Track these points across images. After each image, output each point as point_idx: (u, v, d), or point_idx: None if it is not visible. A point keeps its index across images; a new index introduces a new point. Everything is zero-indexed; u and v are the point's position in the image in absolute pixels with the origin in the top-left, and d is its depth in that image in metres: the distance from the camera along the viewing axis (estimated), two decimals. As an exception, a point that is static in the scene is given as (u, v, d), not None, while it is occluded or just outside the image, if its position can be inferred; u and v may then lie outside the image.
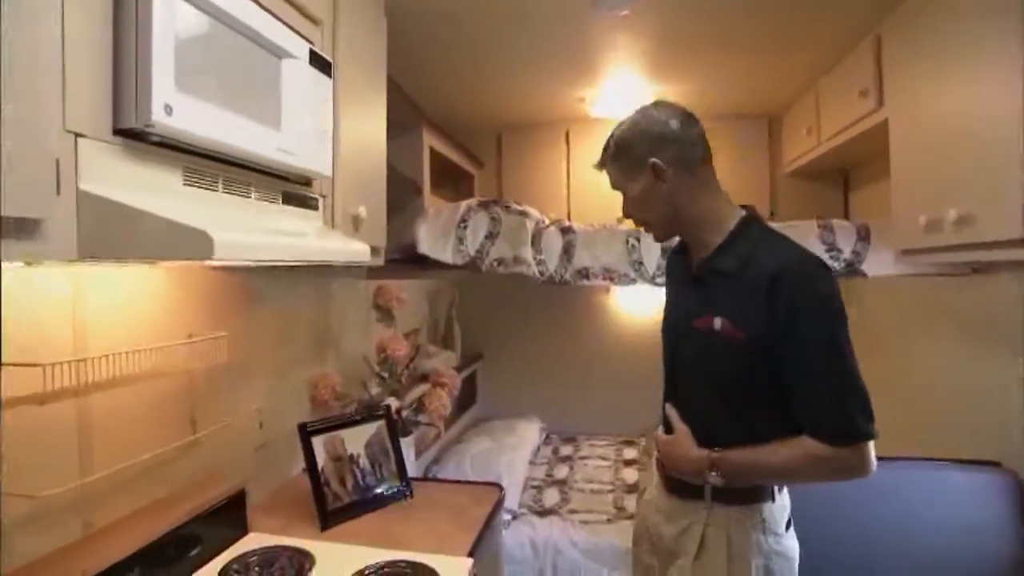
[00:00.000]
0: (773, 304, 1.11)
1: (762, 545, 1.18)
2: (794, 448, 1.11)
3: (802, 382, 1.11)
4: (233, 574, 1.23)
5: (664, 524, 1.30)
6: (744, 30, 2.13)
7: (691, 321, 1.25)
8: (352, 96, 1.45)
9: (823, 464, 1.09)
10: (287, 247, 0.98)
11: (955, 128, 1.54)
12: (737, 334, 1.16)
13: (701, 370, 1.26)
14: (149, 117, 0.78)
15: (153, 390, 1.28)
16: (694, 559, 1.21)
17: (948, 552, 1.77)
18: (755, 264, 1.17)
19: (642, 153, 1.23)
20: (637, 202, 1.28)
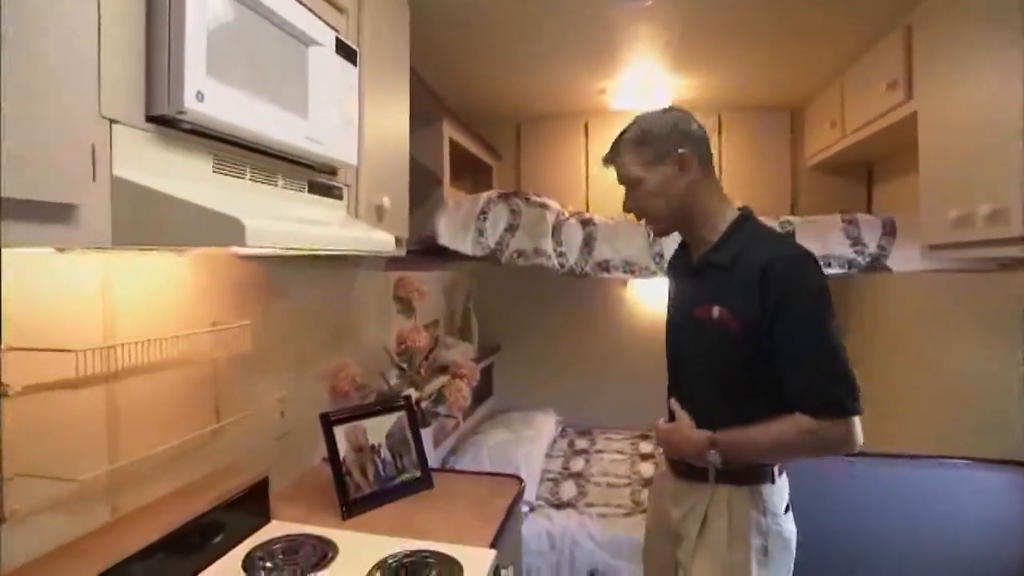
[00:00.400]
0: (763, 293, 1.19)
1: (761, 525, 1.24)
2: (785, 424, 1.17)
3: (789, 362, 1.18)
4: (257, 561, 1.23)
5: (672, 507, 1.36)
6: (768, 20, 2.10)
7: (692, 312, 1.32)
8: (376, 85, 1.45)
9: (810, 437, 1.15)
10: (315, 235, 0.98)
11: (989, 120, 1.50)
12: (733, 323, 1.23)
13: (702, 359, 1.33)
14: (181, 104, 0.78)
15: (178, 378, 1.29)
16: (697, 538, 1.28)
17: (968, 551, 1.75)
18: (747, 257, 1.25)
19: (671, 143, 1.29)
20: (650, 193, 1.31)
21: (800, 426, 1.15)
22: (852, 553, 1.83)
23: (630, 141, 1.32)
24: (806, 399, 1.16)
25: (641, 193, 1.32)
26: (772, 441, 1.19)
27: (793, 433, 1.16)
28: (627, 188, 1.36)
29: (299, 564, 1.23)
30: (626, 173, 1.34)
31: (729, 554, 1.24)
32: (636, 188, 1.33)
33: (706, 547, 1.27)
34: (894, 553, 1.80)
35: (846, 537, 1.83)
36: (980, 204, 1.48)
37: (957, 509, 1.79)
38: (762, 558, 1.24)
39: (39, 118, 0.63)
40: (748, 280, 1.21)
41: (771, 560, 1.25)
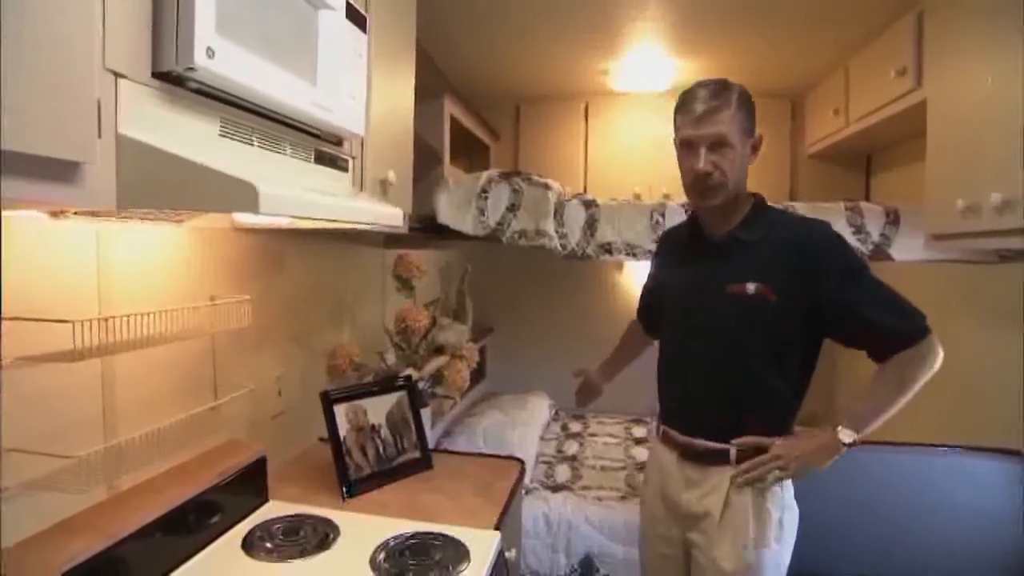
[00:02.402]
0: (810, 266, 1.25)
1: (779, 498, 1.30)
2: (896, 369, 1.25)
3: (873, 313, 1.23)
4: (257, 541, 1.20)
5: (684, 491, 1.36)
6: (774, 4, 2.06)
7: (719, 288, 1.32)
8: (384, 54, 1.40)
9: (919, 364, 1.23)
10: (328, 206, 0.94)
11: (999, 109, 1.49)
12: (771, 296, 1.27)
13: (731, 331, 1.32)
14: (191, 59, 0.74)
15: (176, 354, 1.25)
16: (719, 520, 1.30)
17: (965, 538, 1.77)
18: (778, 235, 1.31)
19: (755, 122, 1.33)
20: (733, 160, 1.28)
21: (907, 360, 1.23)
22: (847, 540, 1.84)
23: (732, 98, 1.27)
24: (904, 335, 1.23)
25: (728, 158, 1.27)
26: (897, 387, 1.24)
27: (907, 369, 1.23)
28: (710, 146, 1.26)
29: (300, 544, 1.20)
30: (724, 132, 1.25)
31: (753, 528, 1.27)
32: (723, 151, 1.26)
33: (729, 525, 1.29)
34: (889, 539, 1.82)
35: (841, 524, 1.84)
36: (989, 194, 1.47)
37: (951, 497, 1.80)
38: (779, 531, 1.29)
39: (38, 66, 0.58)
40: (783, 253, 1.28)
41: (784, 532, 1.30)
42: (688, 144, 1.30)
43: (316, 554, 1.17)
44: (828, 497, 1.83)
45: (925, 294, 2.34)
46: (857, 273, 1.26)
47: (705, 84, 1.31)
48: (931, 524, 1.80)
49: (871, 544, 1.82)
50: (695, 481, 1.35)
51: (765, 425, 1.31)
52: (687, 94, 1.32)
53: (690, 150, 1.30)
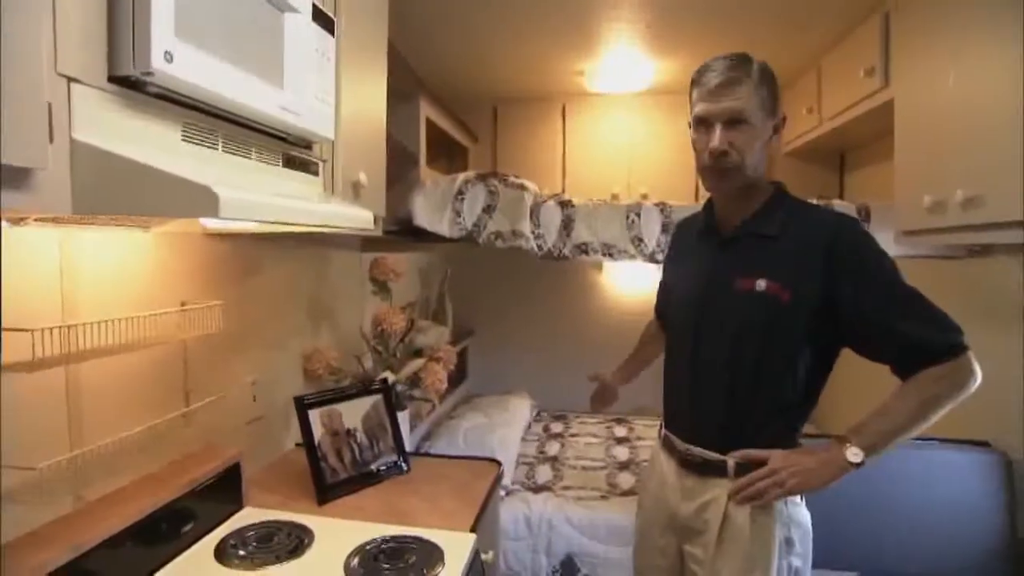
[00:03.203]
0: (831, 264, 1.14)
1: (783, 514, 1.19)
2: (918, 385, 1.12)
3: (898, 321, 1.12)
4: (230, 549, 1.19)
5: (681, 502, 1.29)
6: (747, 4, 2.09)
7: (728, 283, 1.24)
8: (354, 56, 1.39)
9: (947, 384, 1.10)
10: (292, 209, 0.93)
11: (964, 107, 1.52)
12: (783, 295, 1.17)
13: (738, 330, 1.22)
14: (148, 64, 0.73)
15: (145, 360, 1.23)
16: (718, 535, 1.21)
17: (938, 528, 1.79)
18: (797, 228, 1.20)
19: (778, 101, 1.24)
20: (751, 140, 1.18)
21: (934, 377, 1.10)
22: (828, 532, 1.85)
23: (756, 76, 1.18)
24: (931, 347, 1.11)
25: (745, 136, 1.17)
26: (918, 406, 1.11)
27: (932, 387, 1.10)
28: (727, 123, 1.17)
29: (274, 551, 1.19)
30: (743, 107, 1.16)
31: (752, 546, 1.18)
32: (740, 128, 1.17)
33: (728, 543, 1.20)
34: (869, 530, 1.84)
35: (825, 515, 1.85)
36: (955, 190, 1.50)
37: (931, 488, 1.82)
38: (785, 548, 1.19)
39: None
40: (804, 250, 1.16)
41: (793, 550, 1.20)
42: (702, 121, 1.20)
43: (289, 560, 1.16)
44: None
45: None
46: (885, 276, 1.14)
47: (724, 56, 1.20)
48: (906, 514, 1.82)
49: (852, 536, 1.84)
50: (693, 492, 1.27)
51: (770, 436, 1.21)
52: (703, 67, 1.22)
53: (705, 127, 1.20)
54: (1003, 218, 1.36)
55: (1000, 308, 1.84)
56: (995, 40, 1.38)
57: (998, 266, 1.85)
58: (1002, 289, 1.84)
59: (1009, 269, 1.81)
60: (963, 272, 2.00)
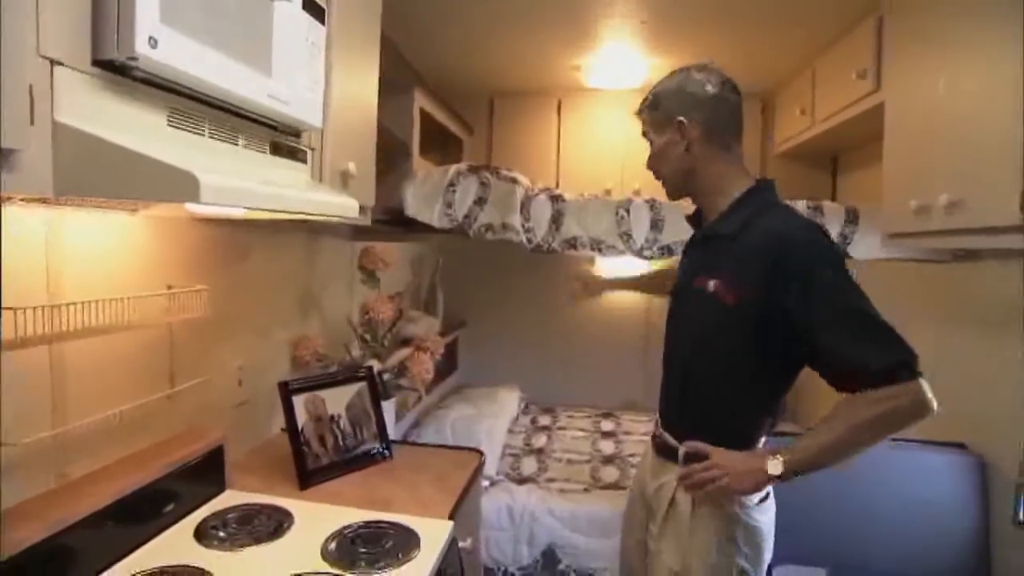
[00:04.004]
0: (776, 268, 1.11)
1: (727, 512, 1.21)
2: (852, 407, 1.07)
3: (836, 336, 1.07)
4: (210, 530, 1.21)
5: (649, 480, 1.37)
6: (743, 3, 2.10)
7: (692, 280, 1.29)
8: (345, 46, 1.40)
9: (885, 409, 1.04)
10: (277, 196, 0.95)
11: (952, 113, 1.53)
12: (728, 297, 1.18)
13: (694, 333, 1.29)
14: (132, 49, 0.74)
15: (130, 342, 1.24)
16: (664, 516, 1.28)
17: (915, 527, 1.82)
18: (754, 230, 1.19)
19: (673, 109, 1.27)
20: (658, 155, 1.32)
21: (868, 401, 1.05)
22: (806, 531, 1.88)
23: (647, 101, 1.33)
24: (868, 369, 1.04)
25: (651, 156, 1.34)
26: (846, 429, 1.07)
27: (864, 412, 1.05)
28: (649, 147, 1.36)
29: (253, 533, 1.20)
30: (644, 131, 1.36)
31: (690, 537, 1.22)
32: (650, 148, 1.35)
33: (670, 526, 1.26)
34: (847, 530, 1.86)
35: (805, 515, 1.88)
36: (939, 194, 1.51)
37: (908, 488, 1.85)
38: (725, 545, 1.20)
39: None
40: (753, 254, 1.15)
41: (736, 550, 1.20)
42: None
43: (268, 542, 1.18)
44: (788, 490, 1.87)
45: (883, 292, 2.41)
46: (830, 292, 1.09)
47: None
48: (885, 514, 1.85)
49: (830, 535, 1.86)
50: (656, 473, 1.34)
51: (718, 433, 1.23)
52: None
53: None
54: (984, 223, 1.38)
55: (982, 312, 1.87)
56: (984, 49, 1.40)
57: (982, 271, 1.87)
58: (985, 294, 1.86)
59: (992, 274, 1.83)
60: (948, 276, 2.02)
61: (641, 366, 3.37)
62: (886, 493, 1.85)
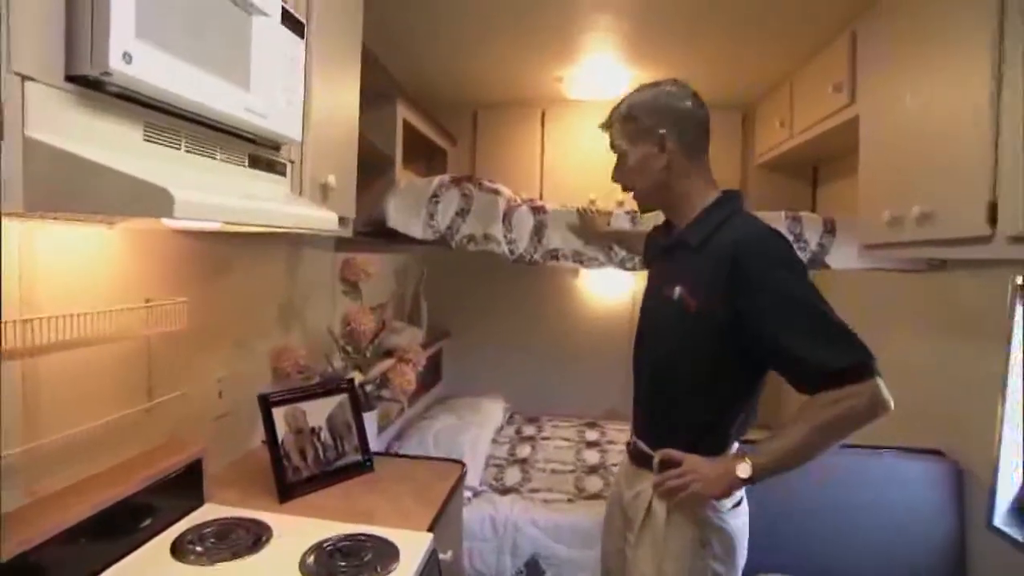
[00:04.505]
0: (734, 276, 1.14)
1: (699, 517, 1.23)
2: (811, 410, 1.09)
3: (792, 339, 1.10)
4: (187, 545, 1.19)
5: (625, 489, 1.38)
6: (721, 18, 2.13)
7: (660, 290, 1.32)
8: (325, 60, 1.41)
9: (843, 409, 1.06)
10: (252, 210, 0.95)
11: (923, 126, 1.56)
12: (690, 304, 1.22)
13: (659, 335, 1.33)
14: (106, 64, 0.74)
15: (107, 355, 1.23)
16: (641, 523, 1.29)
17: (894, 534, 1.84)
18: (715, 238, 1.22)
19: (654, 123, 1.29)
20: (633, 168, 1.33)
21: (828, 401, 1.07)
22: (790, 539, 1.89)
23: (619, 113, 1.34)
24: (827, 369, 1.07)
25: (625, 167, 1.34)
26: (809, 430, 1.09)
27: (825, 412, 1.07)
28: (617, 159, 1.37)
29: (231, 548, 1.19)
30: (613, 144, 1.36)
31: (665, 542, 1.24)
32: (622, 161, 1.35)
33: (647, 533, 1.28)
34: (827, 537, 1.88)
35: (784, 524, 1.89)
36: (912, 206, 1.54)
37: (884, 494, 1.87)
38: (699, 550, 1.22)
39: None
40: (713, 261, 1.19)
41: (710, 553, 1.23)
42: None
43: (246, 557, 1.17)
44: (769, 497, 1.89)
45: (860, 301, 2.45)
46: (785, 295, 1.12)
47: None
48: (863, 521, 1.87)
49: (809, 543, 1.88)
50: (632, 481, 1.36)
51: (690, 440, 1.25)
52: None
53: None
54: (953, 234, 1.41)
55: (956, 321, 1.90)
56: (952, 66, 1.43)
57: (954, 280, 1.91)
58: (958, 303, 1.90)
59: (963, 283, 1.87)
60: (923, 285, 2.05)
61: (626, 375, 3.36)
62: (865, 500, 1.87)
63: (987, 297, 1.72)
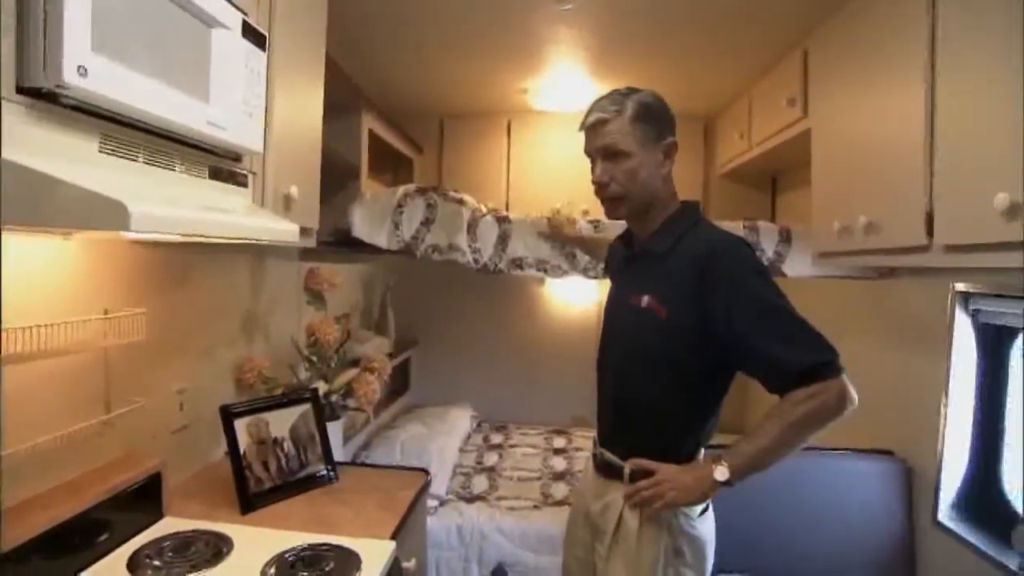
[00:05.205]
0: (705, 283, 1.17)
1: (672, 525, 1.24)
2: (783, 408, 1.12)
3: (764, 341, 1.13)
4: (144, 560, 1.18)
5: (592, 500, 1.36)
6: (682, 33, 2.20)
7: (627, 299, 1.31)
8: (288, 71, 1.42)
9: (814, 406, 1.09)
10: (211, 223, 0.95)
11: (868, 140, 1.64)
12: (660, 311, 1.23)
13: (627, 343, 1.32)
14: (60, 77, 0.74)
15: (63, 368, 1.21)
16: (612, 535, 1.28)
17: (846, 532, 1.90)
18: (683, 248, 1.24)
19: (665, 128, 1.28)
20: (633, 171, 1.25)
21: (800, 399, 1.10)
22: (744, 539, 1.94)
23: (627, 111, 1.24)
24: (794, 369, 1.11)
25: (623, 168, 1.25)
26: (784, 428, 1.11)
27: (797, 410, 1.10)
28: (605, 157, 1.26)
29: (190, 561, 1.18)
30: (614, 142, 1.24)
31: (638, 552, 1.23)
32: (617, 160, 1.25)
33: (620, 545, 1.27)
34: (784, 536, 1.93)
35: (739, 524, 1.94)
36: (859, 216, 1.61)
37: (838, 494, 1.93)
38: (672, 558, 1.23)
39: None
40: (682, 269, 1.20)
41: (682, 561, 1.24)
42: (587, 155, 1.31)
43: (206, 570, 1.16)
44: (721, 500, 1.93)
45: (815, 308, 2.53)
46: (755, 297, 1.15)
47: (606, 95, 1.28)
48: (817, 519, 1.92)
49: (763, 543, 1.92)
50: (600, 492, 1.34)
51: (661, 447, 1.26)
52: (589, 106, 1.30)
53: (591, 161, 1.30)
54: (896, 243, 1.48)
55: (904, 326, 1.98)
56: (891, 83, 1.50)
57: (902, 287, 1.99)
58: (905, 309, 1.98)
59: (909, 290, 1.95)
60: (873, 292, 2.13)
61: (593, 382, 3.41)
62: (820, 500, 1.93)
63: (931, 303, 1.80)
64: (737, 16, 2.02)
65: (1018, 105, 1.07)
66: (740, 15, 2.02)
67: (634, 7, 1.99)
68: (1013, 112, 1.08)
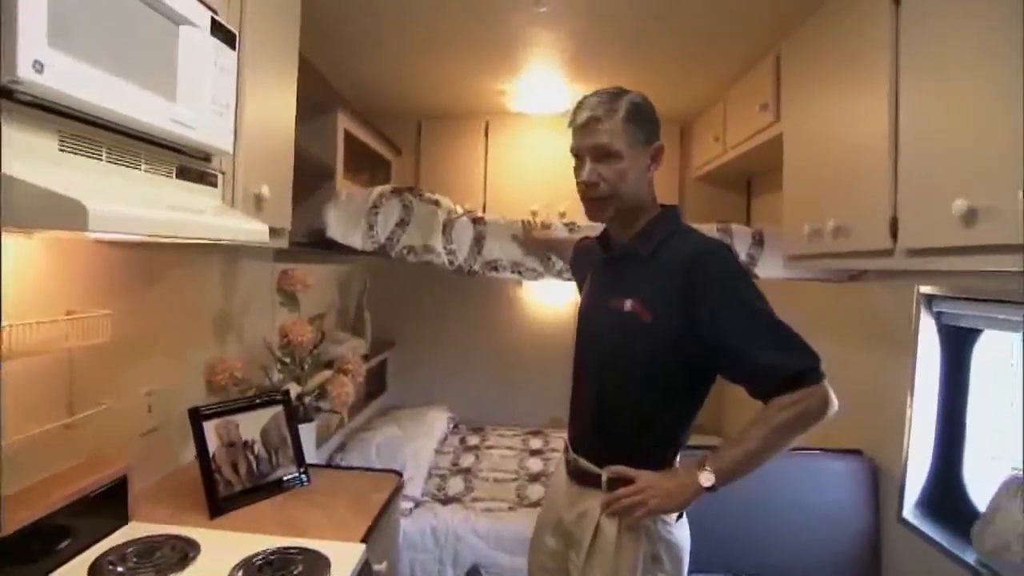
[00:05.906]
0: (690, 288, 1.17)
1: (650, 531, 1.23)
2: (767, 414, 1.12)
3: (749, 346, 1.13)
4: (107, 566, 1.15)
5: (566, 508, 1.34)
6: (657, 38, 2.22)
7: (606, 302, 1.30)
8: (259, 69, 1.40)
9: (797, 412, 1.10)
10: (176, 223, 0.94)
11: (836, 145, 1.67)
12: (645, 316, 1.21)
13: (608, 347, 1.30)
14: (14, 73, 0.73)
15: (24, 370, 1.18)
16: (589, 544, 1.26)
17: (815, 530, 1.93)
18: (667, 251, 1.24)
19: (652, 132, 1.27)
20: (622, 172, 1.23)
21: (784, 404, 1.10)
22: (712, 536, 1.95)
23: (623, 112, 1.22)
24: (780, 375, 1.11)
25: (614, 169, 1.23)
26: (768, 433, 1.11)
27: (781, 415, 1.10)
28: (595, 157, 1.24)
29: (155, 566, 1.16)
30: (607, 142, 1.22)
31: (616, 561, 1.22)
32: (608, 160, 1.23)
33: (597, 554, 1.24)
34: (751, 535, 1.95)
35: (712, 522, 1.96)
36: (828, 220, 1.64)
37: (809, 493, 1.96)
38: (651, 565, 1.22)
39: None
40: (667, 273, 1.20)
41: (660, 567, 1.23)
42: (574, 154, 1.28)
43: (171, 575, 1.14)
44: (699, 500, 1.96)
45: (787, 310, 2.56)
46: (739, 303, 1.15)
47: (597, 93, 1.27)
48: (787, 516, 1.95)
49: (734, 543, 1.95)
50: (575, 500, 1.32)
51: (640, 453, 1.25)
52: (577, 103, 1.29)
53: (578, 160, 1.28)
54: (863, 247, 1.50)
55: (873, 328, 2.02)
56: (857, 89, 1.53)
57: (870, 290, 2.03)
58: (873, 311, 2.02)
59: (877, 293, 1.99)
60: (842, 294, 2.17)
61: (567, 384, 3.43)
62: (790, 499, 1.96)
63: (897, 306, 1.84)
64: (712, 22, 2.05)
65: (977, 113, 1.10)
66: (715, 21, 2.04)
67: (611, 11, 2.01)
68: (972, 120, 1.11)
